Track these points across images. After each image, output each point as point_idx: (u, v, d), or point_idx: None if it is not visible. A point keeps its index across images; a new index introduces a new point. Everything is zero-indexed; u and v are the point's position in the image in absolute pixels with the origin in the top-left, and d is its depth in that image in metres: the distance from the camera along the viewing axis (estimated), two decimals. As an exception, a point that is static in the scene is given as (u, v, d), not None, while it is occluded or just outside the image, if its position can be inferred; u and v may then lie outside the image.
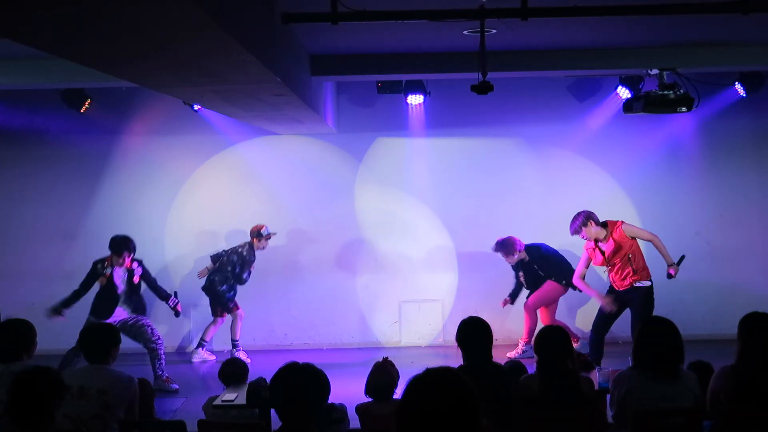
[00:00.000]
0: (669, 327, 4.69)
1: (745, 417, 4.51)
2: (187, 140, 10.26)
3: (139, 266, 8.57)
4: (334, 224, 10.25)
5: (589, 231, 8.17)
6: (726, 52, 7.98)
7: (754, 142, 10.24)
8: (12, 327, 5.14)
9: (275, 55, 5.57)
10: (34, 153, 10.23)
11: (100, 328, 5.19)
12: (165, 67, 5.13)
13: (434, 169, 10.29)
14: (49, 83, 8.38)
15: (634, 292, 8.09)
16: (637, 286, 8.09)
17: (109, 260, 8.49)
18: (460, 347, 5.13)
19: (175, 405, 7.72)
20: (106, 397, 4.76)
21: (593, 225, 8.17)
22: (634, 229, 8.23)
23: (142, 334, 8.44)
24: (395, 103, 10.04)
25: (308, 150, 10.31)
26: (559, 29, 6.94)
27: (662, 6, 5.37)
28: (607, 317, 8.23)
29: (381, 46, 7.65)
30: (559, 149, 10.23)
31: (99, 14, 3.61)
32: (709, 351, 6.39)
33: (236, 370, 6.16)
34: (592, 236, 8.19)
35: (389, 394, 5.17)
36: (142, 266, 8.60)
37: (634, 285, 8.09)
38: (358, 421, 5.16)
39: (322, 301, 10.18)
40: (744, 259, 10.24)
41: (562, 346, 5.01)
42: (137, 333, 8.46)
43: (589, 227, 8.16)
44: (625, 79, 9.41)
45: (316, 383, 3.65)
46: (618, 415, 4.75)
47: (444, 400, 2.40)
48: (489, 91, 5.84)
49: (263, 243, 9.47)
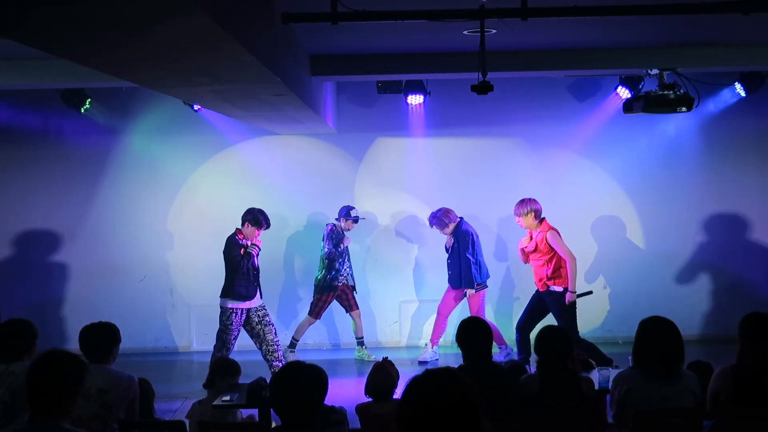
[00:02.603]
0: (669, 327, 4.69)
1: (745, 417, 4.52)
2: (187, 140, 10.26)
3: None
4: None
5: (525, 220, 8.33)
6: (726, 52, 7.98)
7: (754, 142, 10.24)
8: (12, 327, 5.13)
9: (275, 55, 5.57)
10: (34, 153, 10.23)
11: (101, 326, 5.17)
12: (165, 67, 5.13)
13: (434, 169, 10.29)
14: (49, 83, 8.38)
15: (549, 295, 8.26)
16: (552, 290, 8.23)
17: (241, 235, 8.34)
18: (460, 347, 5.14)
19: (175, 405, 7.73)
20: (106, 397, 4.76)
21: (532, 217, 8.30)
22: (559, 241, 8.25)
23: (267, 333, 8.31)
24: (395, 103, 10.04)
25: (308, 150, 10.31)
26: (560, 29, 6.94)
27: (662, 6, 5.38)
28: (533, 316, 8.35)
29: (381, 46, 7.65)
30: (559, 149, 10.24)
31: (98, 14, 3.61)
32: (709, 351, 6.40)
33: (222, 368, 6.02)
34: (526, 225, 8.37)
35: (389, 394, 5.18)
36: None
37: (549, 288, 8.24)
38: (358, 421, 5.17)
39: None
40: (744, 259, 10.24)
41: (562, 347, 5.02)
42: (264, 330, 8.32)
43: (527, 218, 8.31)
44: (625, 79, 9.41)
45: (318, 382, 3.66)
46: (618, 415, 4.75)
47: (444, 400, 2.40)
48: (489, 91, 5.85)
49: (349, 224, 9.35)
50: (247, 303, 8.27)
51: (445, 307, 9.31)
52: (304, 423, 3.59)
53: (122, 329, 5.18)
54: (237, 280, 8.23)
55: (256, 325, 8.35)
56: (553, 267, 8.20)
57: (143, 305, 10.25)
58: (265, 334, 8.33)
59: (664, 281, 10.21)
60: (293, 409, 3.59)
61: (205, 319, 10.10)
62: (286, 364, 3.80)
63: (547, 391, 4.89)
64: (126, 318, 9.06)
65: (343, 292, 9.46)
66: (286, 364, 3.80)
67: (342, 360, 9.69)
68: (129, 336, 7.10)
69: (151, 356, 10.07)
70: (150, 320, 10.30)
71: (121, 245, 10.26)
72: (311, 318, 9.40)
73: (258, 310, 8.36)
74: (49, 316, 9.78)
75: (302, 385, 3.62)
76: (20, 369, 4.74)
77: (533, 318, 8.34)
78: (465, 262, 8.99)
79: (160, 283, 10.30)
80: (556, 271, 8.20)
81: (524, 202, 8.36)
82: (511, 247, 10.16)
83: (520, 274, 9.95)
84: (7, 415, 4.65)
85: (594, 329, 10.05)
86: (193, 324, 10.36)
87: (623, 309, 9.97)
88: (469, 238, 9.04)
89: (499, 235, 10.23)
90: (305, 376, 3.65)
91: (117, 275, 10.24)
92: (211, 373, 6.02)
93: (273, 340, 8.35)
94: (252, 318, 8.35)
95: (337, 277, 9.32)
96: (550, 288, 8.22)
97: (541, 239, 8.24)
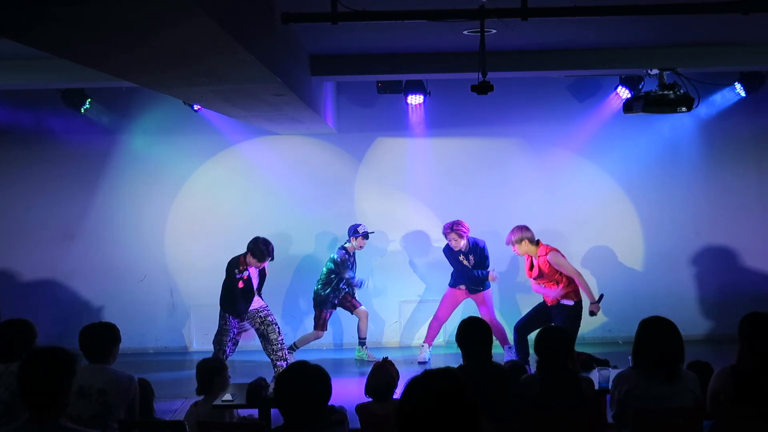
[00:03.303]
0: (669, 327, 4.69)
1: (745, 417, 4.51)
2: (187, 140, 10.26)
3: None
4: (334, 224, 10.24)
5: (521, 248, 8.27)
6: (726, 52, 7.98)
7: (754, 142, 10.24)
8: (12, 327, 5.14)
9: (275, 55, 5.57)
10: (34, 153, 10.23)
11: (101, 326, 5.17)
12: (165, 67, 5.14)
13: (434, 169, 10.29)
14: (49, 83, 8.39)
15: (558, 309, 8.19)
16: (563, 304, 8.18)
17: (243, 263, 8.39)
18: (460, 347, 5.14)
19: (175, 405, 7.72)
20: (106, 397, 4.76)
21: (527, 244, 8.23)
22: (561, 261, 8.20)
23: (270, 333, 8.41)
24: (395, 103, 10.04)
25: (308, 150, 10.30)
26: (559, 29, 6.94)
27: (662, 6, 5.38)
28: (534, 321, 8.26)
29: (381, 46, 7.65)
30: (559, 149, 10.24)
31: (97, 13, 3.61)
32: (709, 351, 6.40)
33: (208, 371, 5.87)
34: (523, 252, 8.31)
35: (389, 394, 5.18)
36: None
37: (559, 303, 8.18)
38: (358, 421, 5.17)
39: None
40: (744, 259, 10.24)
41: (562, 347, 5.02)
42: (267, 330, 8.42)
43: (522, 245, 8.25)
44: (625, 79, 9.41)
45: (322, 382, 3.68)
46: (618, 415, 4.75)
47: (443, 400, 2.40)
48: (489, 91, 5.85)
49: (360, 242, 9.28)
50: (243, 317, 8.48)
51: (445, 313, 9.31)
52: (308, 422, 3.60)
53: (122, 329, 5.18)
54: (233, 298, 8.40)
55: (259, 326, 8.47)
56: (563, 285, 8.14)
57: (143, 305, 10.25)
58: (268, 334, 8.45)
59: (664, 281, 10.20)
60: (299, 409, 3.60)
61: (205, 319, 10.10)
62: (291, 364, 3.82)
63: (547, 391, 4.89)
64: (126, 318, 9.07)
65: (343, 298, 9.46)
66: (291, 364, 3.82)
67: (342, 360, 9.69)
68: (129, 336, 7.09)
69: (151, 356, 10.08)
70: (150, 320, 10.30)
71: (121, 245, 10.26)
72: (317, 332, 9.41)
73: (258, 311, 8.44)
74: (49, 316, 9.77)
75: (309, 384, 3.64)
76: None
77: (534, 323, 8.25)
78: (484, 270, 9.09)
79: (160, 283, 10.29)
80: (566, 287, 8.15)
81: (515, 230, 8.29)
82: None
83: (520, 274, 9.94)
84: (7, 415, 4.66)
85: (594, 329, 10.05)
86: (193, 324, 10.36)
87: (623, 309, 9.96)
88: (486, 252, 9.14)
89: (499, 235, 10.20)
90: (312, 376, 3.66)
91: (117, 275, 10.24)
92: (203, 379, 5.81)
93: (277, 339, 8.44)
94: (254, 320, 8.46)
95: (337, 296, 9.34)
96: (561, 302, 8.17)
97: (543, 263, 8.18)
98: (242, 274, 8.38)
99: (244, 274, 8.39)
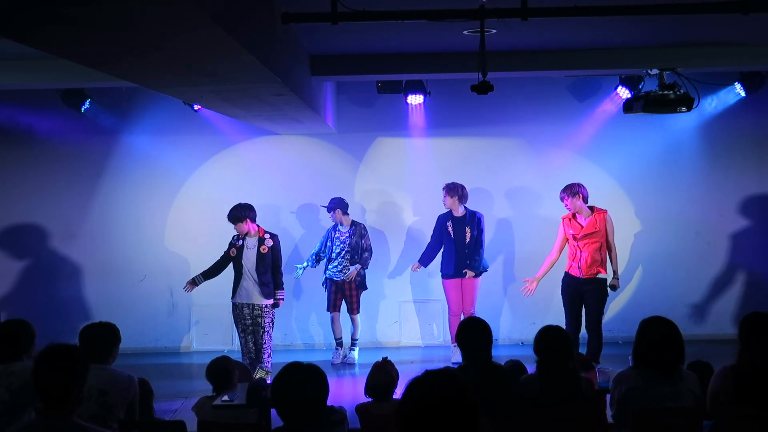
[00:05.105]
0: (669, 327, 4.69)
1: (745, 417, 4.52)
2: (187, 140, 10.26)
3: (271, 238, 8.47)
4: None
5: (574, 203, 8.34)
6: (726, 52, 7.98)
7: (754, 142, 10.23)
8: (12, 327, 5.13)
9: (275, 55, 5.57)
10: (33, 153, 10.23)
11: (101, 326, 5.17)
12: (165, 67, 5.14)
13: (434, 169, 10.28)
14: (49, 83, 8.39)
15: (594, 283, 8.24)
16: (599, 277, 8.26)
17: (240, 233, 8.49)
18: (460, 347, 5.13)
19: (175, 405, 7.72)
20: (106, 398, 4.74)
21: (580, 199, 8.32)
22: (612, 228, 8.36)
23: (256, 334, 8.34)
24: (395, 103, 10.04)
25: (308, 150, 10.30)
26: (560, 29, 6.94)
27: (662, 6, 5.38)
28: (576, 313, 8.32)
29: (381, 46, 7.65)
30: (559, 149, 10.23)
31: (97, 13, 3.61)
32: (709, 351, 6.39)
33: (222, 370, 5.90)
34: (574, 209, 8.37)
35: (389, 394, 5.17)
36: (275, 240, 8.50)
37: (597, 276, 8.24)
38: (358, 421, 5.17)
39: (322, 300, 10.17)
40: (744, 259, 10.24)
41: (562, 346, 5.01)
42: (255, 329, 8.36)
43: (576, 199, 8.32)
44: (625, 79, 9.41)
45: (319, 382, 3.66)
46: (618, 414, 4.75)
47: (443, 400, 2.40)
48: (489, 91, 5.85)
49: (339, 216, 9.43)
50: (237, 298, 8.42)
51: (457, 306, 9.21)
52: (307, 423, 3.59)
53: (122, 329, 5.18)
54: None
55: (250, 324, 8.38)
56: (603, 254, 8.25)
57: (143, 305, 10.25)
58: (254, 333, 8.37)
59: (664, 281, 10.20)
60: (296, 410, 3.58)
61: (205, 319, 10.11)
62: (286, 365, 3.76)
63: (547, 391, 4.89)
64: (126, 318, 9.06)
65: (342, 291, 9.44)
66: (286, 365, 3.76)
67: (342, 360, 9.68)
68: (129, 336, 7.11)
69: (151, 356, 10.06)
70: (150, 320, 10.30)
71: (121, 245, 10.26)
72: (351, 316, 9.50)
73: (255, 308, 8.35)
74: (49, 316, 9.75)
75: (305, 384, 3.61)
76: (19, 369, 4.74)
77: (578, 314, 8.34)
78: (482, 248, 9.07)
79: (160, 283, 10.29)
80: (605, 258, 8.25)
81: (574, 185, 8.41)
82: (511, 246, 10.18)
83: (520, 274, 9.94)
84: (8, 415, 4.65)
85: (594, 329, 10.04)
86: (193, 324, 10.37)
87: (623, 309, 9.96)
88: (483, 224, 9.16)
89: (499, 235, 10.22)
90: (307, 376, 3.64)
91: (117, 275, 10.23)
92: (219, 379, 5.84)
93: (260, 343, 8.32)
94: (246, 314, 8.38)
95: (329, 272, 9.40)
96: (598, 275, 8.23)
97: (600, 220, 8.29)
98: (236, 242, 8.44)
99: (238, 242, 8.43)
